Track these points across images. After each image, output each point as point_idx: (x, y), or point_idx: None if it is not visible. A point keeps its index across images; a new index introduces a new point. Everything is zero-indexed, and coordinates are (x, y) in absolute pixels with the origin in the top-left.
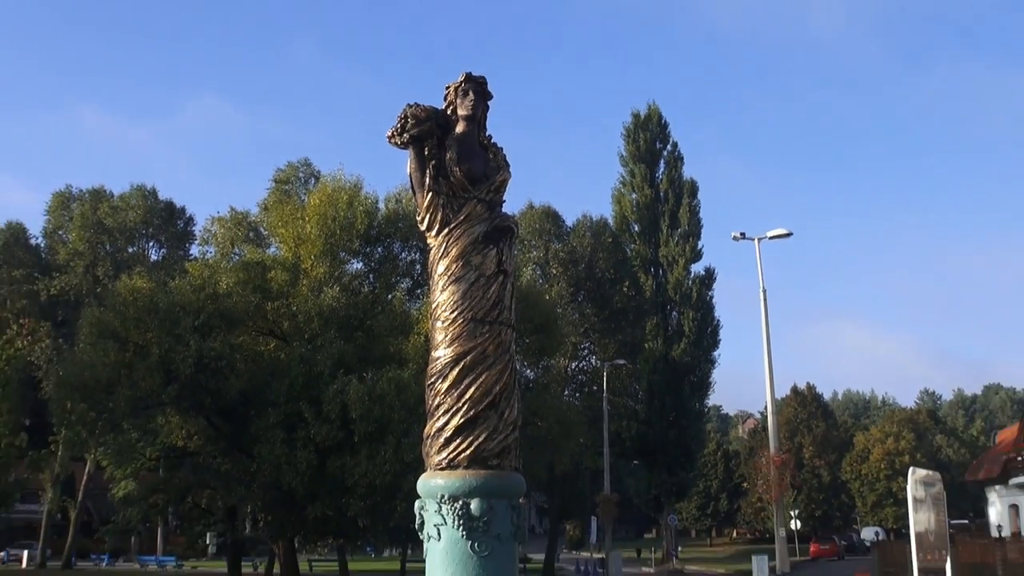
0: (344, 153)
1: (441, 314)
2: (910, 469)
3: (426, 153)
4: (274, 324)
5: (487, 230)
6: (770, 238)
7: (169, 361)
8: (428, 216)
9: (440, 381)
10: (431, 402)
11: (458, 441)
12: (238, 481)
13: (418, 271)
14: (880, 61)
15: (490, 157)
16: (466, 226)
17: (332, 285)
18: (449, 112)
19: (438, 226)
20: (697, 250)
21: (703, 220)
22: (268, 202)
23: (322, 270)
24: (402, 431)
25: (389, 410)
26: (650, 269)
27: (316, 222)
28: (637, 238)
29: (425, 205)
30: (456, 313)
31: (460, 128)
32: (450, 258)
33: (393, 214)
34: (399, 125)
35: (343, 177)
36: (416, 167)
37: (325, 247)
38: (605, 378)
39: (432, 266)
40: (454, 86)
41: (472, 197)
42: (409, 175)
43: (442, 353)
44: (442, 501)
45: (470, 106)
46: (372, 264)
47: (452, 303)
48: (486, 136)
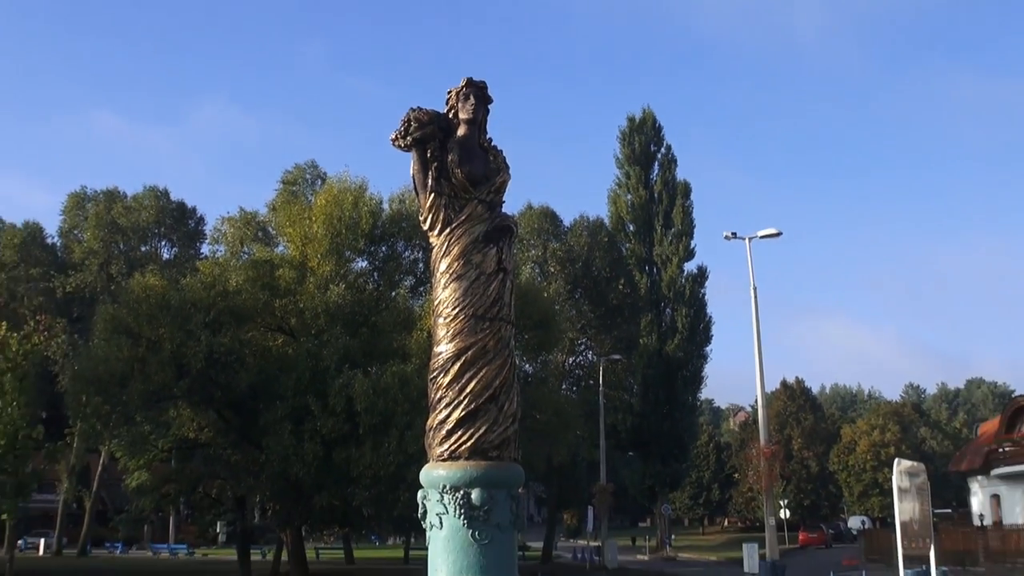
0: (349, 155)
1: (443, 311)
2: (895, 460)
3: (429, 155)
4: (282, 320)
5: (487, 230)
6: (760, 237)
7: (181, 356)
8: (431, 216)
9: (442, 375)
10: (433, 395)
11: (459, 433)
12: (247, 472)
13: (421, 269)
14: (862, 68)
15: (490, 159)
16: (467, 226)
17: (338, 283)
18: (451, 116)
19: (440, 226)
20: (690, 249)
21: (696, 220)
22: (276, 203)
23: (328, 268)
24: (405, 424)
25: (393, 403)
26: (645, 267)
27: (323, 222)
28: (632, 237)
29: (428, 205)
30: (458, 310)
31: (461, 131)
32: (452, 257)
33: (397, 214)
34: (403, 128)
35: (349, 179)
36: (419, 169)
37: (331, 246)
38: (601, 373)
39: (434, 264)
40: (456, 91)
41: (473, 198)
42: (412, 176)
43: (444, 348)
44: (444, 491)
45: (471, 110)
46: (376, 262)
47: (454, 300)
48: (486, 139)
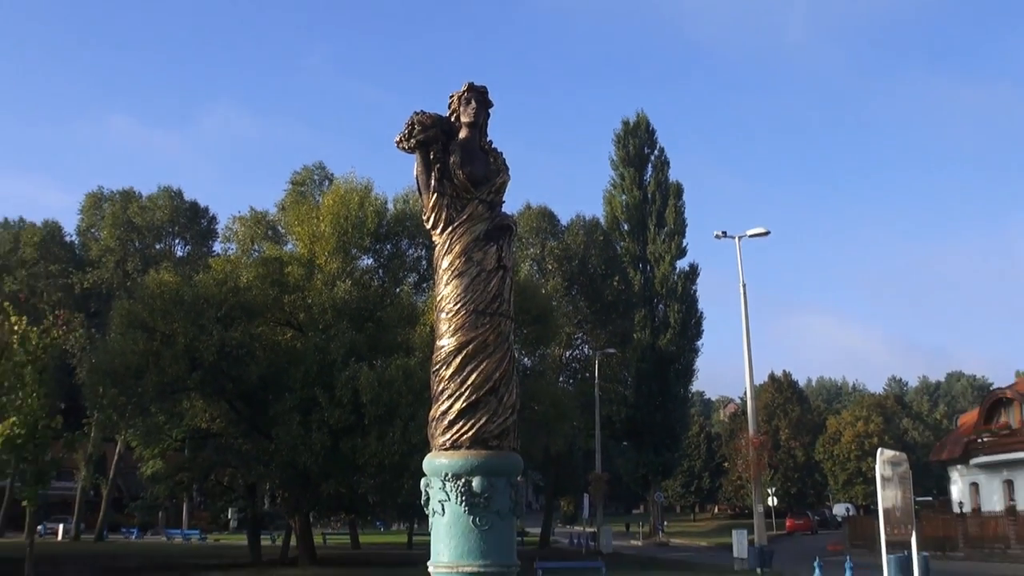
0: (353, 157)
1: (445, 306)
2: (878, 450)
3: (431, 157)
4: (291, 315)
5: (488, 228)
6: (749, 236)
7: (194, 349)
8: (433, 215)
9: (444, 368)
10: (436, 387)
11: (461, 423)
12: (257, 460)
13: (424, 266)
14: (848, 74)
15: (491, 161)
16: (468, 225)
17: (344, 279)
18: (453, 119)
19: (442, 225)
20: (682, 247)
21: (687, 220)
22: (285, 202)
23: (335, 265)
24: (409, 414)
25: (397, 395)
26: (638, 265)
27: (330, 221)
28: (626, 236)
29: (431, 205)
30: (459, 305)
31: (463, 134)
32: (454, 254)
33: (401, 214)
34: (407, 131)
35: (355, 179)
36: (422, 170)
37: (338, 244)
38: (597, 366)
39: (437, 262)
40: (457, 95)
41: (474, 198)
42: (416, 177)
43: (446, 342)
44: (446, 479)
45: (472, 113)
46: (381, 260)
47: (455, 296)
48: (487, 141)
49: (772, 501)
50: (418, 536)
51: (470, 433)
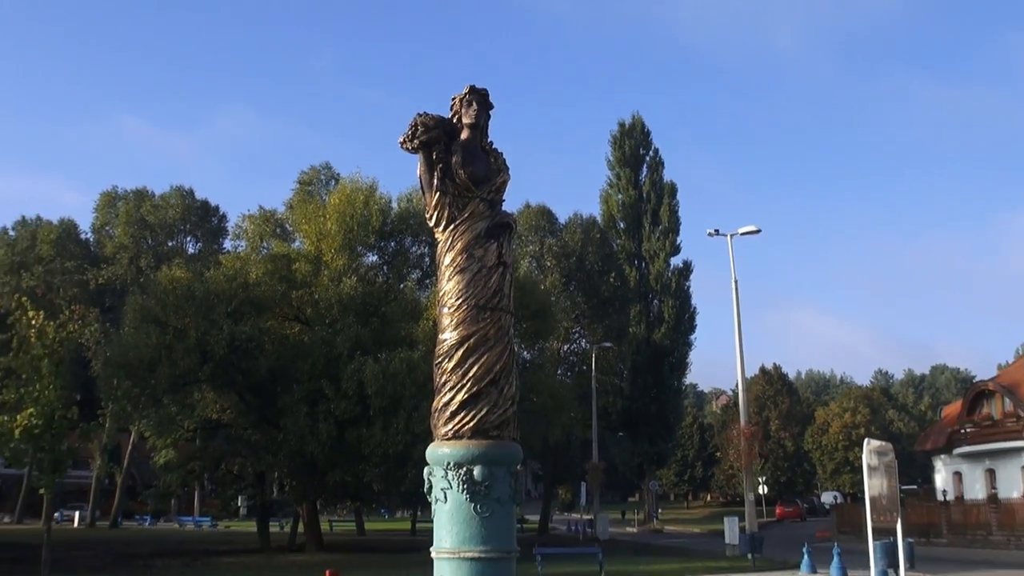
0: (360, 157)
1: (448, 301)
2: (865, 440)
3: (434, 157)
4: (298, 310)
5: (488, 226)
6: (741, 234)
7: (205, 343)
8: (436, 213)
9: (447, 361)
10: (438, 379)
11: (462, 414)
12: (266, 450)
13: (427, 263)
14: (837, 77)
15: (491, 161)
16: (470, 222)
17: (350, 276)
18: (455, 120)
19: (445, 222)
20: (676, 245)
21: (681, 218)
22: (293, 201)
23: (341, 262)
24: (413, 406)
25: (401, 387)
26: (634, 262)
27: (336, 219)
28: (622, 234)
29: (433, 204)
30: (461, 300)
31: (464, 135)
32: (455, 251)
33: (405, 212)
34: (410, 132)
35: (360, 179)
36: (425, 170)
37: (344, 242)
38: (593, 359)
39: (439, 258)
40: (459, 97)
41: (475, 197)
42: (419, 177)
43: (448, 336)
44: (448, 468)
45: (474, 115)
46: (386, 257)
47: (457, 291)
48: (488, 142)
49: (763, 489)
50: (421, 523)
51: (471, 423)
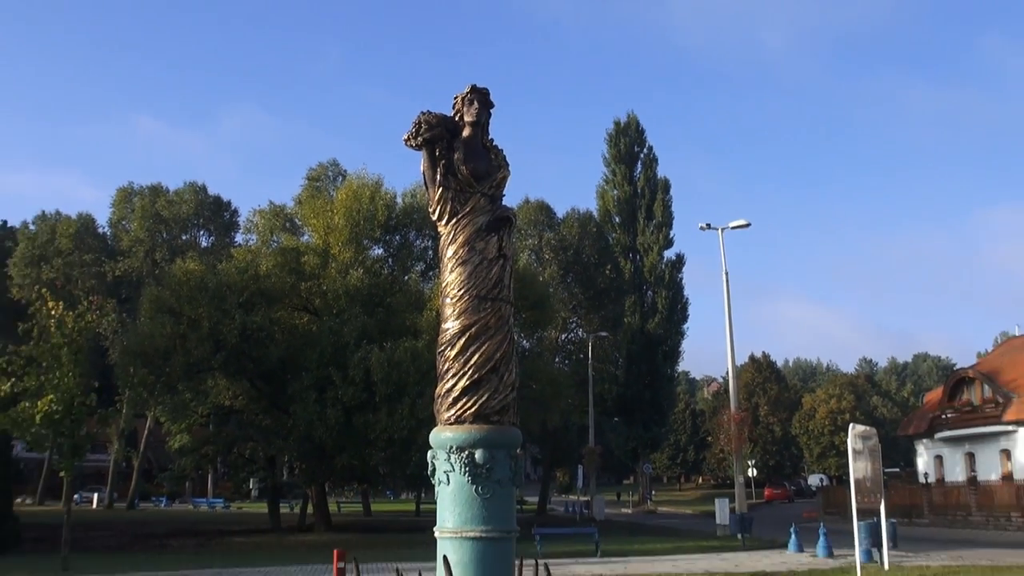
0: (366, 154)
1: (450, 292)
2: (850, 425)
3: (437, 154)
4: (307, 301)
5: (489, 220)
6: (731, 228)
7: (217, 333)
8: (439, 208)
9: (449, 349)
10: (441, 367)
11: (464, 400)
12: (277, 435)
13: (430, 256)
14: (825, 77)
15: (492, 157)
16: (471, 216)
17: (357, 268)
18: (457, 118)
19: (447, 216)
20: (669, 238)
21: (674, 213)
22: (302, 196)
23: (348, 255)
24: (417, 392)
25: (405, 374)
26: (629, 255)
27: (343, 214)
28: (618, 228)
29: (436, 198)
30: (463, 291)
31: (466, 132)
32: (458, 244)
33: (409, 207)
34: (414, 130)
35: (366, 175)
36: (429, 166)
37: (351, 235)
38: (590, 348)
39: (442, 251)
40: (461, 96)
41: (476, 192)
42: (423, 173)
43: (451, 325)
44: (451, 451)
45: (475, 113)
46: (391, 250)
47: (459, 282)
48: (488, 139)
49: (752, 472)
50: (425, 504)
51: (473, 409)
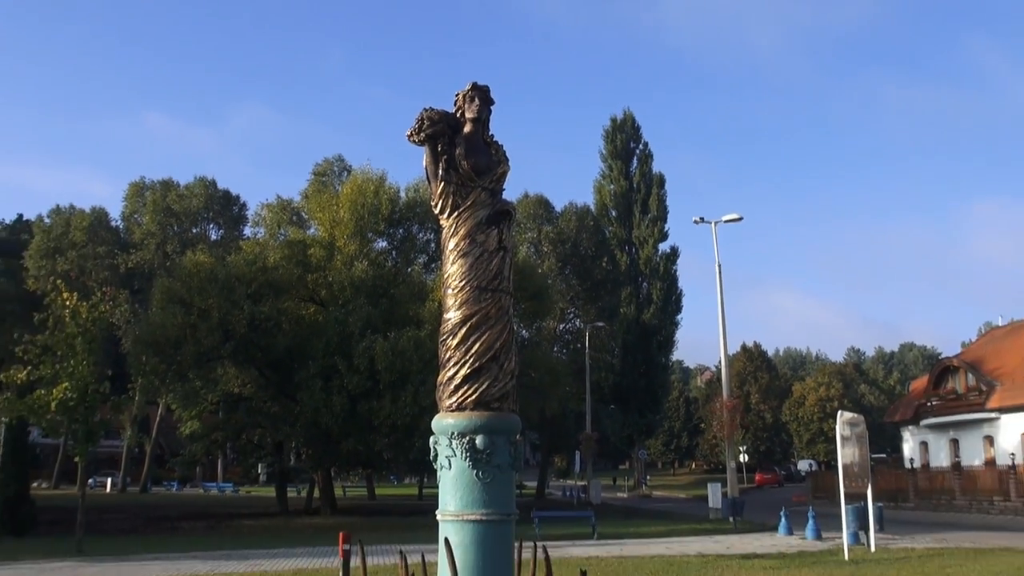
0: (370, 150)
1: (452, 283)
2: (839, 412)
3: (439, 149)
4: (313, 292)
5: (490, 213)
6: (724, 222)
7: (227, 322)
8: (441, 202)
9: (451, 338)
10: (443, 356)
11: (465, 388)
12: (284, 421)
13: (433, 248)
14: (812, 75)
15: (492, 153)
16: (472, 210)
17: (361, 260)
18: (458, 115)
19: (449, 210)
20: (664, 232)
21: (669, 207)
22: (308, 191)
23: (353, 247)
24: (419, 380)
25: (408, 363)
26: (625, 248)
27: (348, 208)
28: (614, 222)
29: (438, 193)
30: (464, 282)
31: (467, 128)
32: (459, 237)
33: (412, 201)
34: (417, 126)
35: (371, 170)
36: (431, 161)
37: (356, 228)
38: (587, 337)
39: (444, 243)
40: (462, 93)
41: (477, 186)
42: (425, 168)
43: (452, 315)
44: (452, 437)
45: (476, 110)
46: (395, 243)
47: (461, 274)
48: (489, 135)
49: (743, 458)
50: (428, 488)
51: (474, 396)
